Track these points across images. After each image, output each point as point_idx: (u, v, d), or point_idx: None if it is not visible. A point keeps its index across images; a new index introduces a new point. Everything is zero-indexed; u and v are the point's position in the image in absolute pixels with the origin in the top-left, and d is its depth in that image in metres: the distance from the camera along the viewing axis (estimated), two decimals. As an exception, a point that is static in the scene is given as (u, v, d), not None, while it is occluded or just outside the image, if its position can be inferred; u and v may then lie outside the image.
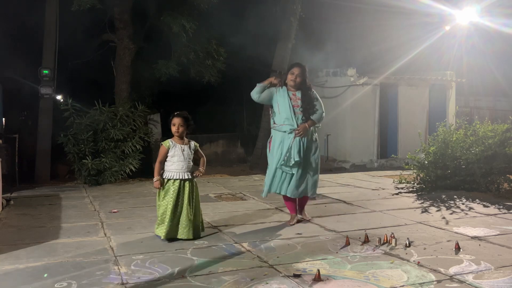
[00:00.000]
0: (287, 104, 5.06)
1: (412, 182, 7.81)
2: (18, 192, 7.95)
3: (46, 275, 3.54)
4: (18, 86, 10.36)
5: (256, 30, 10.68)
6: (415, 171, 7.83)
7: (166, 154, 4.62)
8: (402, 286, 3.27)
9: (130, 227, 5.16)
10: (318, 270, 3.42)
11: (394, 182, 8.39)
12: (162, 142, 4.69)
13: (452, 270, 3.56)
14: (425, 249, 4.17)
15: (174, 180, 4.57)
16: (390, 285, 3.28)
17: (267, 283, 3.32)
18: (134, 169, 9.08)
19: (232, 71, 11.69)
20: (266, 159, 5.35)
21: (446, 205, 6.28)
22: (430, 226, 5.09)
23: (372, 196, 7.17)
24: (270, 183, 5.13)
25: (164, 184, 4.59)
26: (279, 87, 5.17)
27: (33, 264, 3.84)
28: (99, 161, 8.77)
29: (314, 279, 3.36)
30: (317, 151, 5.21)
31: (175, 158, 4.59)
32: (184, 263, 3.80)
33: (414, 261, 3.81)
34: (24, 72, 10.11)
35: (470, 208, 6.05)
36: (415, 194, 7.21)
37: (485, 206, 6.17)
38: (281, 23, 11.86)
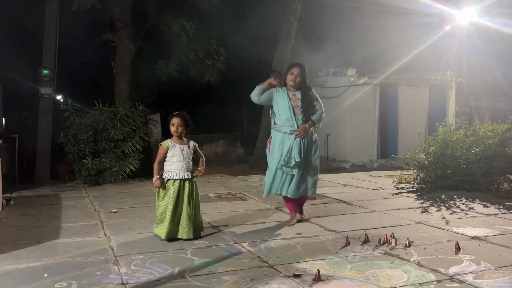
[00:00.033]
0: (287, 105, 5.06)
1: (412, 182, 7.81)
2: (18, 192, 7.95)
3: (46, 275, 3.55)
4: (18, 86, 10.35)
5: (256, 30, 10.68)
6: (415, 171, 7.84)
7: (165, 155, 4.63)
8: (402, 286, 3.27)
9: (130, 227, 5.16)
10: (318, 270, 3.42)
11: (394, 182, 8.39)
12: (161, 143, 4.70)
13: (452, 270, 3.56)
14: (425, 249, 4.17)
15: (174, 180, 4.57)
16: (390, 285, 3.28)
17: (267, 283, 3.32)
18: (134, 169, 9.09)
19: (232, 71, 11.69)
20: (266, 159, 5.34)
21: (446, 205, 6.28)
22: (430, 226, 5.09)
23: (372, 196, 7.17)
24: (270, 184, 5.13)
25: (164, 183, 4.60)
26: (279, 88, 5.18)
27: (33, 264, 3.84)
28: (99, 161, 8.77)
29: (314, 279, 3.36)
30: (317, 151, 5.22)
31: (175, 158, 4.59)
32: (184, 263, 3.80)
33: (414, 261, 3.82)
34: (24, 72, 10.10)
35: (470, 208, 6.05)
36: (415, 194, 7.21)
37: (485, 206, 6.17)
38: (281, 23, 11.85)
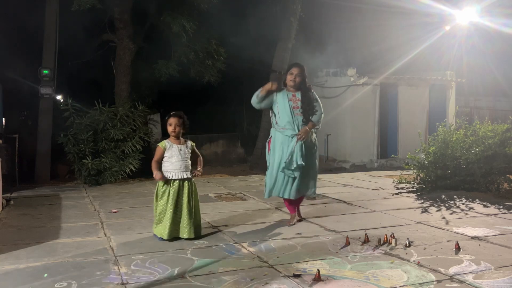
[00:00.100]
0: (287, 106, 5.06)
1: (412, 182, 7.81)
2: (18, 192, 7.95)
3: (46, 275, 3.55)
4: (18, 86, 10.35)
5: (256, 30, 10.67)
6: (415, 171, 7.84)
7: (162, 155, 4.62)
8: (402, 286, 3.27)
9: (130, 227, 5.16)
10: (318, 270, 3.42)
11: (394, 182, 8.39)
12: (158, 143, 4.69)
13: (452, 270, 3.56)
14: (425, 249, 4.17)
15: (173, 180, 4.57)
16: (390, 285, 3.28)
17: (267, 283, 3.32)
18: (134, 169, 9.08)
19: (232, 71, 11.69)
20: (266, 159, 5.34)
21: (446, 205, 6.28)
22: (430, 226, 5.09)
23: (372, 196, 7.17)
24: (272, 186, 5.11)
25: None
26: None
27: (33, 264, 3.84)
28: (99, 161, 8.77)
29: (314, 279, 3.36)
30: (316, 152, 5.24)
31: (173, 159, 4.59)
32: (184, 263, 3.80)
33: (414, 261, 3.82)
34: (24, 72, 10.10)
35: (470, 208, 6.05)
36: (415, 194, 7.21)
37: (485, 206, 6.18)
38: (281, 23, 11.85)
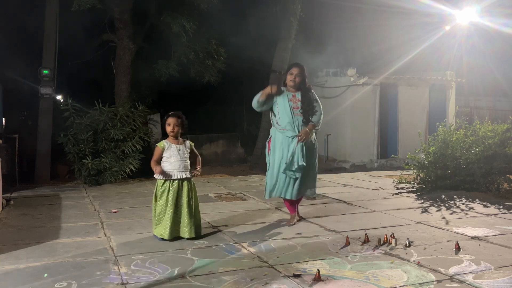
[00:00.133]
0: (287, 107, 5.06)
1: (412, 182, 7.81)
2: (18, 192, 7.95)
3: (46, 275, 3.55)
4: (18, 86, 10.35)
5: (256, 30, 10.67)
6: (415, 171, 7.84)
7: (161, 155, 4.61)
8: (402, 286, 3.27)
9: (130, 227, 5.16)
10: (318, 270, 3.42)
11: (394, 182, 8.39)
12: (157, 144, 4.68)
13: (452, 270, 3.56)
14: (425, 249, 4.17)
15: (173, 180, 4.57)
16: (390, 285, 3.28)
17: (267, 283, 3.32)
18: (134, 169, 9.08)
19: (232, 71, 11.69)
20: (266, 159, 5.34)
21: (446, 205, 6.28)
22: (430, 226, 5.09)
23: (372, 196, 7.17)
24: (272, 187, 5.10)
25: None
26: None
27: (33, 264, 3.84)
28: (99, 161, 8.77)
29: (314, 279, 3.36)
30: (316, 152, 5.26)
31: (172, 158, 4.58)
32: (184, 263, 3.80)
33: (414, 261, 3.82)
34: (24, 72, 10.10)
35: (470, 208, 6.05)
36: (415, 194, 7.21)
37: (485, 206, 6.18)
38: (281, 23, 11.85)
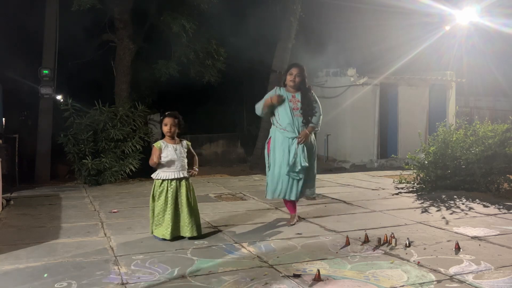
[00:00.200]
0: (287, 108, 5.06)
1: (412, 182, 7.81)
2: (18, 192, 7.95)
3: (46, 275, 3.55)
4: (18, 86, 10.34)
5: (256, 30, 10.68)
6: (415, 171, 7.84)
7: (160, 154, 4.60)
8: (402, 286, 3.27)
9: (130, 227, 5.16)
10: (318, 270, 3.42)
11: (394, 182, 8.39)
12: (153, 144, 4.67)
13: (452, 270, 3.56)
14: (425, 249, 4.17)
15: (171, 180, 4.57)
16: (390, 285, 3.28)
17: (267, 283, 3.32)
18: (134, 169, 9.08)
19: (232, 71, 11.69)
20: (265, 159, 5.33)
21: (446, 205, 6.28)
22: (430, 226, 5.09)
23: (372, 196, 7.17)
24: (275, 187, 5.08)
25: (160, 184, 4.59)
26: (278, 89, 5.18)
27: (33, 264, 3.84)
28: (99, 161, 8.76)
29: (314, 279, 3.36)
30: (315, 153, 5.28)
31: (169, 158, 4.59)
32: (184, 263, 3.80)
33: (414, 261, 3.82)
34: (24, 72, 10.10)
35: (470, 208, 6.05)
36: (415, 194, 7.21)
37: (485, 206, 6.18)
38: (281, 23, 11.85)
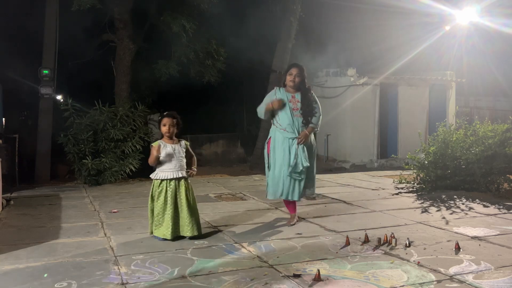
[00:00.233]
0: (287, 108, 5.06)
1: (412, 182, 7.81)
2: (18, 192, 7.95)
3: (46, 275, 3.54)
4: (18, 86, 10.35)
5: (256, 30, 10.68)
6: (415, 171, 7.84)
7: (160, 151, 4.61)
8: (402, 286, 3.27)
9: (130, 227, 5.16)
10: (318, 270, 3.42)
11: (394, 182, 8.39)
12: (152, 144, 4.67)
13: (452, 270, 3.56)
14: (425, 249, 4.17)
15: (169, 180, 4.57)
16: (390, 285, 3.28)
17: (267, 283, 3.32)
18: (134, 169, 9.08)
19: (232, 71, 11.69)
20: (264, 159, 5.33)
21: (446, 205, 6.28)
22: (430, 226, 5.09)
23: (372, 196, 7.17)
24: (276, 188, 5.07)
25: (159, 184, 4.59)
26: (278, 89, 5.18)
27: (33, 264, 3.84)
28: (99, 161, 8.76)
29: (314, 279, 3.36)
30: (314, 153, 5.29)
31: (168, 158, 4.59)
32: (184, 263, 3.80)
33: (414, 261, 3.82)
34: (24, 72, 10.10)
35: (470, 208, 6.05)
36: (415, 194, 7.21)
37: (485, 206, 6.18)
38: (281, 23, 11.85)
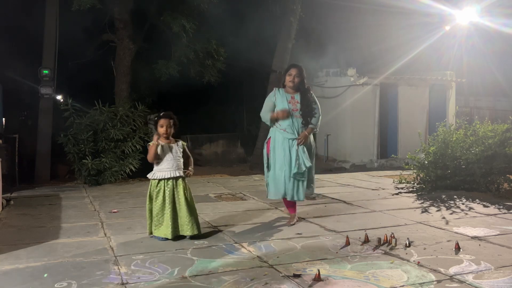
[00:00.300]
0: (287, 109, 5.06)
1: (412, 182, 7.81)
2: (18, 192, 7.95)
3: (46, 275, 3.54)
4: (18, 86, 10.36)
5: (256, 30, 10.68)
6: (415, 171, 7.84)
7: (157, 150, 4.60)
8: (402, 286, 3.27)
9: (130, 227, 5.16)
10: (318, 270, 3.42)
11: (394, 182, 8.39)
12: (150, 143, 4.67)
13: (452, 270, 3.56)
14: (425, 249, 4.17)
15: (167, 179, 4.57)
16: (390, 285, 3.28)
17: (267, 283, 3.32)
18: (134, 169, 9.08)
19: (232, 71, 11.69)
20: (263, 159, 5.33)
21: (446, 205, 6.28)
22: (430, 226, 5.09)
23: (372, 196, 7.17)
24: (277, 188, 5.06)
25: (156, 184, 4.59)
26: (277, 90, 5.18)
27: (33, 264, 3.84)
28: (99, 161, 8.76)
29: (314, 279, 3.36)
30: (314, 153, 5.30)
31: (165, 157, 4.59)
32: (184, 263, 3.80)
33: (414, 261, 3.82)
34: (24, 72, 10.10)
35: (470, 208, 6.05)
36: (415, 194, 7.22)
37: (485, 206, 6.18)
38: (281, 23, 11.86)
